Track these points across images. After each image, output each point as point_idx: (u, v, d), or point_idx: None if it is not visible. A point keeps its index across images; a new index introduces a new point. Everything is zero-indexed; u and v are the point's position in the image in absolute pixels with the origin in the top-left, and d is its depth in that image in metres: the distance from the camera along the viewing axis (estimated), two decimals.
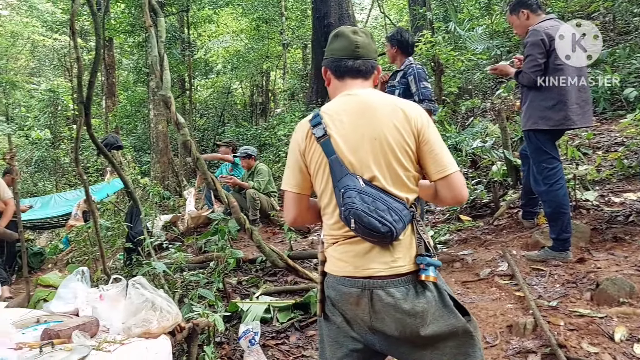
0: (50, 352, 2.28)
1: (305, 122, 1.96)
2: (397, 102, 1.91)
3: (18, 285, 6.95)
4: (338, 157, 1.84)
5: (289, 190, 1.99)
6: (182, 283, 4.41)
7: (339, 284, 1.86)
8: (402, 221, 1.77)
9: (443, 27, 8.39)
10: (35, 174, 16.59)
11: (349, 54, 1.98)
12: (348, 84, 1.99)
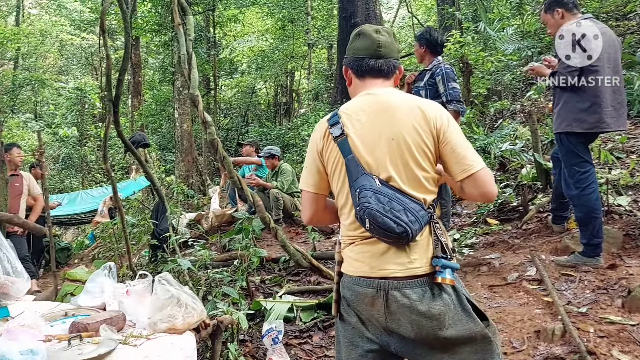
0: (79, 344, 2.30)
1: (323, 121, 1.96)
2: (416, 101, 1.88)
3: (45, 279, 7.05)
4: (355, 157, 1.82)
5: (306, 190, 1.99)
6: (206, 280, 4.43)
7: (355, 284, 1.84)
8: (418, 222, 1.74)
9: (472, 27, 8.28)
10: (63, 171, 16.87)
11: (371, 53, 1.95)
12: (368, 83, 1.97)
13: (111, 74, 4.68)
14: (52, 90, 21.49)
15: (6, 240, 3.01)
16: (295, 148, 12.40)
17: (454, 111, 4.33)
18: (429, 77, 4.55)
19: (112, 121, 4.56)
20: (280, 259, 5.22)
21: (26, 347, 2.08)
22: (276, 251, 5.82)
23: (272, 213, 6.98)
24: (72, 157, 16.79)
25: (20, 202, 5.95)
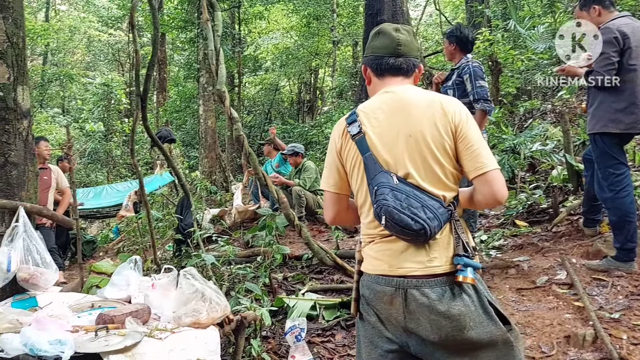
0: (105, 336, 2.31)
1: (342, 120, 1.96)
2: (435, 97, 1.86)
3: (71, 271, 7.15)
4: (372, 155, 1.81)
5: (328, 190, 1.98)
6: (229, 276, 4.43)
7: (374, 283, 1.82)
8: (437, 219, 1.71)
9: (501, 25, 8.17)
10: (89, 165, 17.11)
11: (390, 51, 1.94)
12: (387, 81, 1.95)
13: (140, 69, 4.71)
14: (80, 86, 21.83)
15: (35, 231, 3.04)
16: (318, 146, 12.38)
17: (481, 110, 4.23)
18: (456, 75, 4.45)
19: (139, 116, 4.59)
20: (303, 257, 5.20)
21: (55, 337, 2.10)
22: (299, 248, 5.81)
23: (295, 211, 6.96)
24: (98, 151, 17.03)
25: (49, 195, 6.00)
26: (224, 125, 14.97)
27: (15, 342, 2.11)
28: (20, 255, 2.81)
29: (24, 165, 3.12)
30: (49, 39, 20.71)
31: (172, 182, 10.19)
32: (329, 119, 13.30)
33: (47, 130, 16.14)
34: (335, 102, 17.06)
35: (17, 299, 2.87)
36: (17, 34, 3.16)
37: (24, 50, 3.22)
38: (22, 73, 3.18)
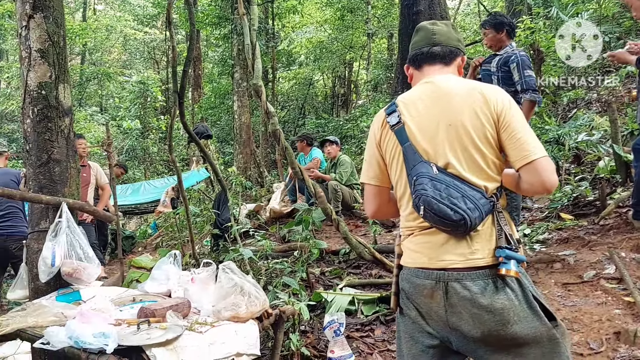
0: (147, 329, 2.34)
1: (381, 112, 1.95)
2: (476, 85, 1.82)
3: (111, 266, 7.30)
4: (412, 145, 1.79)
5: (368, 183, 1.97)
6: (267, 270, 4.44)
7: (413, 276, 1.80)
8: (478, 210, 1.67)
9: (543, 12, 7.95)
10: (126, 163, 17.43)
11: (426, 42, 1.95)
12: (426, 71, 1.94)
13: (176, 66, 4.75)
14: (117, 84, 22.21)
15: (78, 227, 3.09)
16: (353, 140, 12.29)
17: (530, 101, 4.10)
18: (502, 62, 4.31)
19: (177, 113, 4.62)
20: (341, 251, 5.17)
21: (98, 330, 2.12)
22: (335, 243, 5.78)
23: (331, 205, 6.91)
24: (135, 148, 17.33)
25: (88, 191, 6.10)
26: (258, 121, 15.04)
27: (61, 334, 2.14)
28: (63, 250, 2.86)
29: (66, 162, 3.17)
30: (87, 38, 21.15)
31: (209, 178, 10.30)
32: (364, 112, 13.19)
33: (86, 129, 16.48)
34: (370, 95, 16.93)
35: (62, 292, 2.94)
36: (58, 33, 3.21)
37: (64, 49, 3.27)
38: (63, 71, 3.23)
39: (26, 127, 3.14)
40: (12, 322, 2.40)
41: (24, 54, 3.14)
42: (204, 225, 6.99)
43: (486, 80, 4.42)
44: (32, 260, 3.05)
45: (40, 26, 3.11)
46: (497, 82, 4.30)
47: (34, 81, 3.10)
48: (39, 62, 3.11)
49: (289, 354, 3.36)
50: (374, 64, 17.58)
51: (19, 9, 3.18)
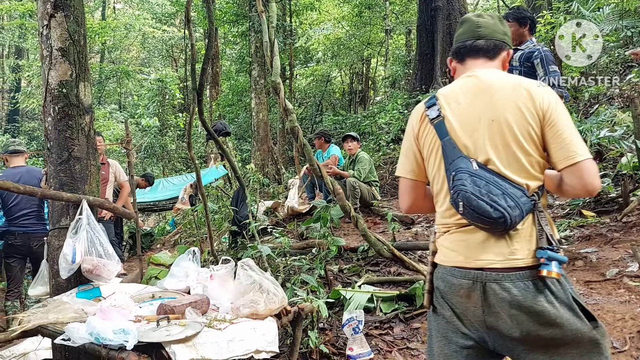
0: (167, 326, 2.34)
1: (420, 104, 1.90)
2: (521, 81, 1.77)
3: (130, 263, 7.36)
4: (451, 139, 1.75)
5: (404, 177, 1.93)
6: (285, 268, 4.43)
7: (449, 275, 1.76)
8: (519, 208, 1.62)
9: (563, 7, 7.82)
10: (145, 160, 17.56)
11: (469, 35, 1.91)
12: (469, 65, 1.90)
13: (195, 63, 4.75)
14: (135, 82, 22.37)
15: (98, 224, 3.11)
16: (371, 136, 12.23)
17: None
18: (524, 57, 4.23)
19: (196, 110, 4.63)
20: (359, 249, 5.13)
21: (119, 327, 2.14)
22: (353, 240, 5.76)
23: (350, 202, 6.87)
24: (153, 146, 17.44)
25: (107, 189, 6.10)
26: (275, 118, 15.06)
27: (82, 331, 2.16)
28: (84, 247, 2.88)
29: (87, 160, 3.20)
30: (106, 36, 21.32)
31: (226, 175, 10.33)
32: (382, 109, 13.12)
33: (105, 126, 16.64)
34: (388, 92, 16.85)
35: (82, 289, 2.96)
36: (79, 32, 3.23)
37: (85, 47, 3.29)
38: (84, 70, 3.25)
39: (47, 125, 3.17)
40: (33, 318, 2.43)
41: (45, 52, 3.17)
42: (222, 222, 7.01)
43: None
44: (53, 257, 3.08)
45: (61, 25, 3.14)
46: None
47: (54, 80, 3.13)
48: (60, 61, 3.14)
49: (308, 351, 3.36)
50: (392, 61, 17.49)
51: (40, 8, 3.20)
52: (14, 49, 26.73)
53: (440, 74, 11.42)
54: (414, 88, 12.30)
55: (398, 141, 10.79)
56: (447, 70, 11.52)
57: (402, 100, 12.02)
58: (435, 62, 11.69)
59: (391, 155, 9.90)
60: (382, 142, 10.66)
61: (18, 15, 21.43)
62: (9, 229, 5.06)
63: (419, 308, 3.86)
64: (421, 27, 12.34)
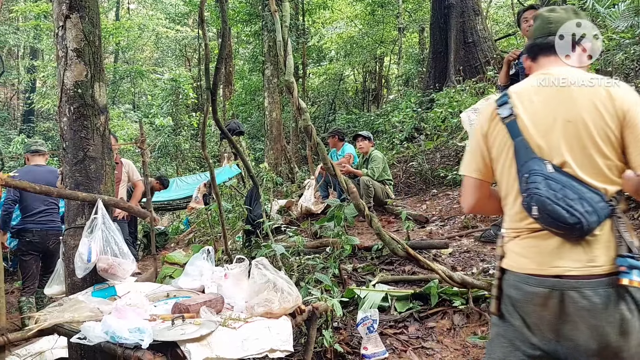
0: (181, 325, 2.35)
1: (491, 102, 1.85)
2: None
3: (144, 262, 7.40)
4: (524, 139, 1.68)
5: (469, 176, 1.88)
6: (299, 267, 4.42)
7: (522, 283, 1.68)
8: (596, 214, 1.56)
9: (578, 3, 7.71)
10: (159, 159, 17.65)
11: (540, 32, 1.86)
12: (542, 63, 1.85)
13: (209, 62, 4.76)
14: (149, 82, 22.49)
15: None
16: (385, 135, 12.17)
17: None
18: None
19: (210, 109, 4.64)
20: (373, 247, 5.10)
21: (134, 326, 2.14)
22: (368, 239, 5.72)
23: (363, 201, 6.83)
24: (167, 145, 17.52)
25: (120, 188, 6.02)
26: (289, 117, 15.06)
27: (97, 330, 2.17)
28: (99, 246, 2.89)
29: (102, 160, 3.21)
30: (120, 37, 21.47)
31: (240, 174, 10.36)
32: (395, 107, 13.06)
33: (120, 126, 16.75)
34: (402, 90, 16.78)
35: (97, 288, 2.98)
36: (94, 33, 3.24)
37: (99, 48, 3.31)
38: (99, 70, 3.26)
39: (62, 126, 3.19)
40: (49, 317, 2.44)
41: (61, 53, 3.19)
42: (236, 221, 7.02)
43: (524, 74, 4.27)
44: (69, 256, 3.10)
45: (77, 26, 3.16)
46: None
47: (70, 80, 3.15)
48: (75, 62, 3.16)
49: (322, 350, 3.35)
50: (405, 59, 17.42)
51: (55, 9, 3.22)
52: (29, 49, 27.02)
53: (453, 72, 11.32)
54: (428, 86, 12.22)
55: (412, 139, 10.73)
56: (460, 69, 11.49)
57: (416, 99, 11.95)
58: (449, 60, 11.60)
59: (405, 154, 9.84)
60: (396, 141, 10.58)
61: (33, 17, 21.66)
62: (26, 226, 5.11)
63: (435, 306, 3.83)
64: (434, 25, 12.26)
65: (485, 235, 5.16)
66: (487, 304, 3.62)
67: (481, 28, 11.55)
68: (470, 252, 4.94)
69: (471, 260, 4.77)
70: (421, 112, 11.08)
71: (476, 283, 3.72)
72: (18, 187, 2.83)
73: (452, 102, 9.49)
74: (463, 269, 4.56)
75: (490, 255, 4.77)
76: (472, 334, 3.49)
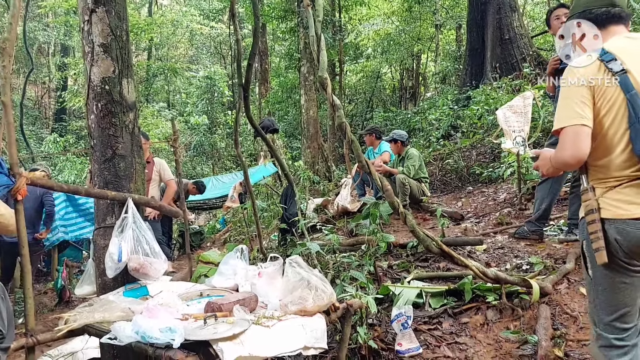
0: (214, 324, 2.33)
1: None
2: None
3: (180, 262, 7.48)
4: (638, 93, 1.85)
5: (576, 124, 1.94)
6: (334, 264, 4.40)
7: (632, 228, 1.85)
8: None
9: None
10: (194, 158, 17.81)
11: (607, 3, 2.06)
12: (612, 31, 2.05)
13: (242, 59, 4.75)
14: (183, 80, 22.55)
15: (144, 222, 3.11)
16: (422, 132, 12.06)
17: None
18: None
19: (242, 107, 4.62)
20: (408, 245, 5.08)
21: (165, 325, 2.12)
22: (403, 237, 5.72)
23: (399, 199, 6.75)
24: (202, 144, 17.65)
25: (150, 188, 6.02)
26: (325, 115, 15.03)
27: (128, 330, 2.15)
28: (130, 246, 2.87)
29: (131, 158, 3.15)
30: (153, 33, 21.40)
31: (276, 173, 10.38)
32: (432, 105, 12.94)
33: (154, 124, 16.82)
34: (439, 88, 16.58)
35: (129, 288, 2.96)
36: (121, 27, 3.15)
37: (127, 43, 3.21)
38: (127, 66, 3.18)
39: (90, 123, 3.12)
40: (79, 317, 2.45)
41: (87, 48, 3.11)
42: (271, 220, 7.03)
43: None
44: (99, 256, 3.05)
45: (103, 20, 3.07)
46: None
47: (97, 76, 3.08)
48: (102, 57, 3.08)
49: (357, 347, 3.34)
50: (442, 56, 17.23)
51: (80, 2, 3.14)
52: (59, 46, 26.87)
53: (490, 69, 11.25)
54: (464, 83, 12.11)
55: (448, 137, 10.66)
56: (496, 66, 11.30)
57: (453, 96, 11.89)
58: (486, 57, 11.53)
59: (441, 152, 9.78)
60: (432, 138, 10.54)
61: (63, 12, 21.56)
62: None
63: (468, 302, 3.83)
64: (471, 22, 12.15)
65: (520, 232, 5.12)
66: (520, 299, 3.68)
67: (517, 25, 11.46)
68: (504, 249, 4.94)
69: (505, 256, 4.76)
70: (458, 109, 11.02)
71: (509, 279, 3.75)
72: (44, 186, 2.82)
73: (488, 100, 9.50)
74: (497, 265, 4.56)
75: (524, 251, 4.78)
76: (505, 328, 3.51)
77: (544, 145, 4.98)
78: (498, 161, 8.26)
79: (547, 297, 3.65)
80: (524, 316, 3.56)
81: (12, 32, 2.33)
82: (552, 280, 3.82)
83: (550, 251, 4.59)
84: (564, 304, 3.59)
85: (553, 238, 4.90)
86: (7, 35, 2.30)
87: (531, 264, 4.30)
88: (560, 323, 3.42)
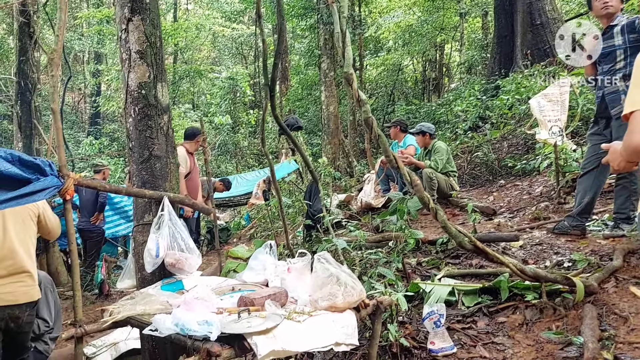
0: (247, 318, 2.36)
1: None
2: None
3: (208, 257, 7.57)
4: None
5: None
6: (361, 261, 4.38)
7: None
8: None
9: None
10: (219, 157, 18.01)
11: None
12: None
13: (267, 59, 4.77)
14: (207, 81, 22.89)
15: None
16: (447, 125, 11.86)
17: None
18: (627, 29, 3.86)
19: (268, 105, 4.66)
20: (438, 241, 4.96)
21: (202, 318, 2.18)
22: (431, 233, 5.59)
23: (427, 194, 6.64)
24: (226, 143, 17.86)
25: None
26: (346, 111, 15.00)
27: (168, 322, 2.21)
28: (166, 242, 2.96)
29: (166, 158, 3.29)
30: (178, 38, 21.94)
31: (298, 169, 10.42)
32: (458, 96, 12.68)
33: (180, 126, 17.10)
34: (464, 78, 16.35)
35: (166, 282, 3.06)
36: (155, 34, 3.32)
37: (161, 49, 3.39)
38: (161, 71, 3.34)
39: (128, 126, 3.29)
40: (122, 310, 2.52)
41: (124, 56, 3.28)
42: (296, 216, 7.06)
43: (609, 57, 4.01)
44: (138, 252, 3.20)
45: (139, 28, 3.24)
46: (625, 54, 3.89)
47: (134, 82, 3.24)
48: (138, 63, 3.24)
49: (388, 344, 3.29)
50: (468, 45, 16.96)
51: (118, 12, 3.31)
52: (93, 54, 28.24)
53: (520, 56, 10.87)
54: (492, 73, 11.78)
55: (476, 129, 10.39)
56: (527, 53, 11.01)
57: (480, 86, 11.55)
58: (515, 44, 11.12)
59: (469, 144, 9.52)
60: (459, 130, 10.27)
61: (96, 22, 22.52)
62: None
63: (506, 301, 3.69)
64: (499, 8, 11.83)
65: (559, 227, 4.86)
66: (562, 299, 3.47)
67: (550, 9, 11.00)
68: (543, 245, 4.70)
69: (544, 253, 4.53)
70: (486, 100, 10.72)
71: (550, 276, 3.55)
72: (90, 186, 2.93)
73: (519, 88, 9.12)
74: (535, 262, 4.34)
75: (564, 247, 4.53)
76: (547, 329, 3.32)
77: (583, 135, 4.81)
78: (532, 153, 7.93)
79: (592, 296, 3.44)
80: (567, 316, 3.36)
81: (59, 44, 2.45)
82: (597, 279, 3.58)
83: (594, 247, 4.33)
84: (611, 303, 3.37)
85: (597, 233, 4.64)
86: (54, 47, 2.40)
87: (573, 261, 4.08)
88: (608, 324, 3.19)
